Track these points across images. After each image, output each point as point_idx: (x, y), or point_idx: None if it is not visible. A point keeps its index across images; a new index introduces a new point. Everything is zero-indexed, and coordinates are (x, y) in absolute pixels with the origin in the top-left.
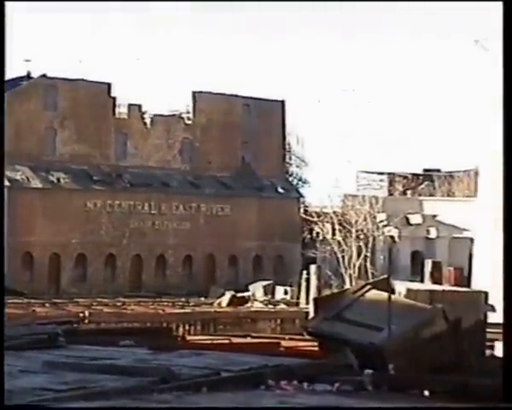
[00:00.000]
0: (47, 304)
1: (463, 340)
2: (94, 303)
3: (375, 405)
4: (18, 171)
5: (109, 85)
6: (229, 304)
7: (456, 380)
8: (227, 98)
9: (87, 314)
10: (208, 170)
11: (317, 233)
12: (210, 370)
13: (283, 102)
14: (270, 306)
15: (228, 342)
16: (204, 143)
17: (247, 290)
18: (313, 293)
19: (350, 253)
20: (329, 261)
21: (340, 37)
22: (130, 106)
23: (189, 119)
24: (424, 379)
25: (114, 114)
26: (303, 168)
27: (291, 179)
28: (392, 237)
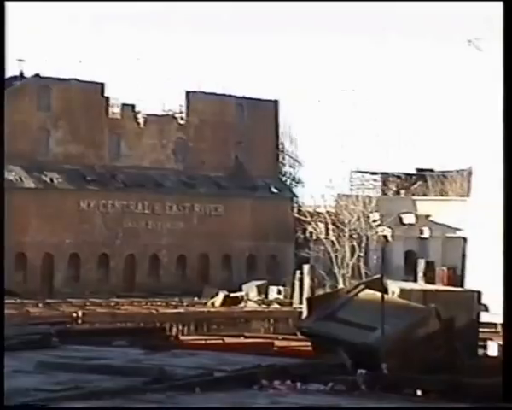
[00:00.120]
0: (40, 304)
1: (456, 339)
2: (87, 303)
3: (369, 404)
4: (11, 171)
5: (102, 85)
6: (222, 304)
7: (449, 379)
8: (220, 98)
9: (80, 314)
10: (202, 170)
11: (311, 233)
12: (203, 370)
13: (277, 102)
14: (263, 306)
15: (221, 342)
16: (197, 143)
17: (241, 290)
18: (306, 293)
19: (343, 253)
20: (323, 261)
21: (340, 37)
22: (123, 106)
23: (183, 119)
24: (417, 379)
25: (108, 114)
26: (296, 168)
27: (284, 179)
28: (385, 237)
